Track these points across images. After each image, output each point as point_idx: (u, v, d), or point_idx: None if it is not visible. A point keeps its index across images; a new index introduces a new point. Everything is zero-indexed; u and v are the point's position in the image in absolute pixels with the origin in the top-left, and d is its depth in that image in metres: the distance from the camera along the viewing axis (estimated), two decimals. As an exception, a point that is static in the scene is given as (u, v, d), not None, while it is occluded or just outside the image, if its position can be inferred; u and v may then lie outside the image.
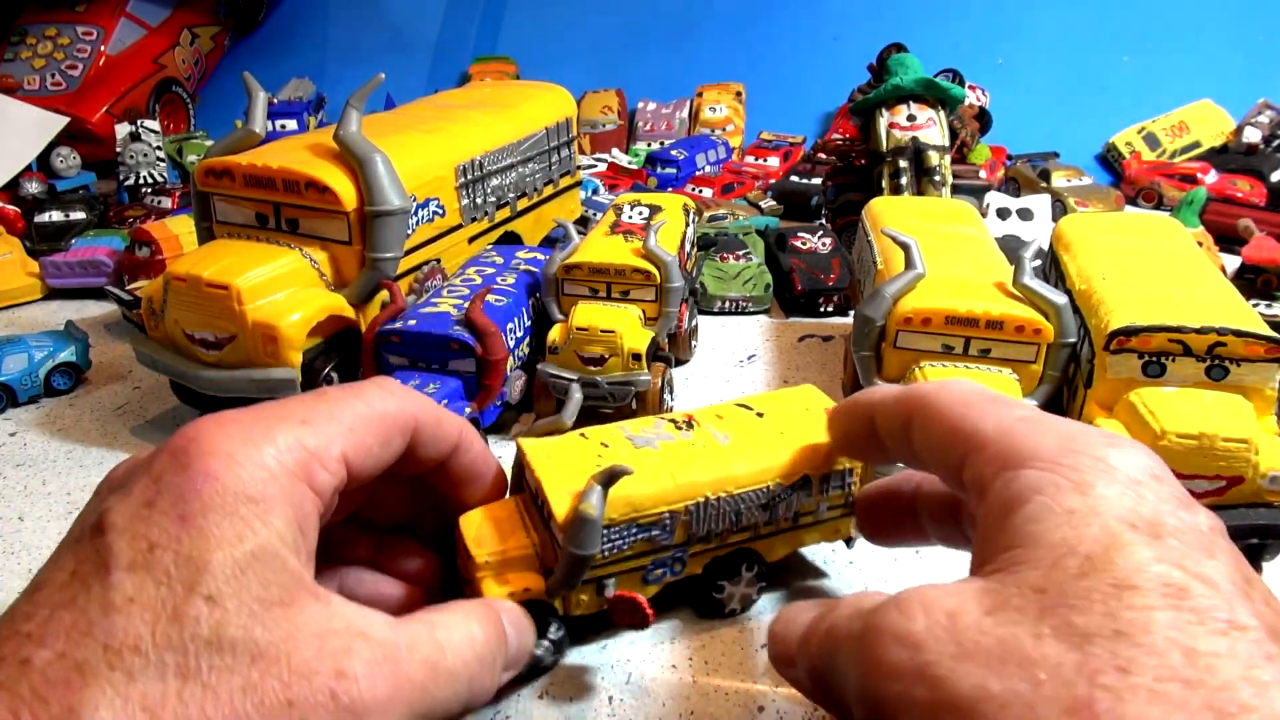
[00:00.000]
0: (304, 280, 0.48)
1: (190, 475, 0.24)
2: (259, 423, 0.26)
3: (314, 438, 0.26)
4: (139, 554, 0.22)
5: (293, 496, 0.25)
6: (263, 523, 0.24)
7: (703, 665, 0.34)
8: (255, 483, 0.24)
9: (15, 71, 1.08)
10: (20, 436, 0.52)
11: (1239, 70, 1.06)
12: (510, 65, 1.24)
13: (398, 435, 0.29)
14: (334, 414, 0.27)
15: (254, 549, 0.23)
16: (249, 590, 0.23)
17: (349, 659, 0.23)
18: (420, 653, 0.25)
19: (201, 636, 0.22)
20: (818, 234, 0.73)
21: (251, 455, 0.24)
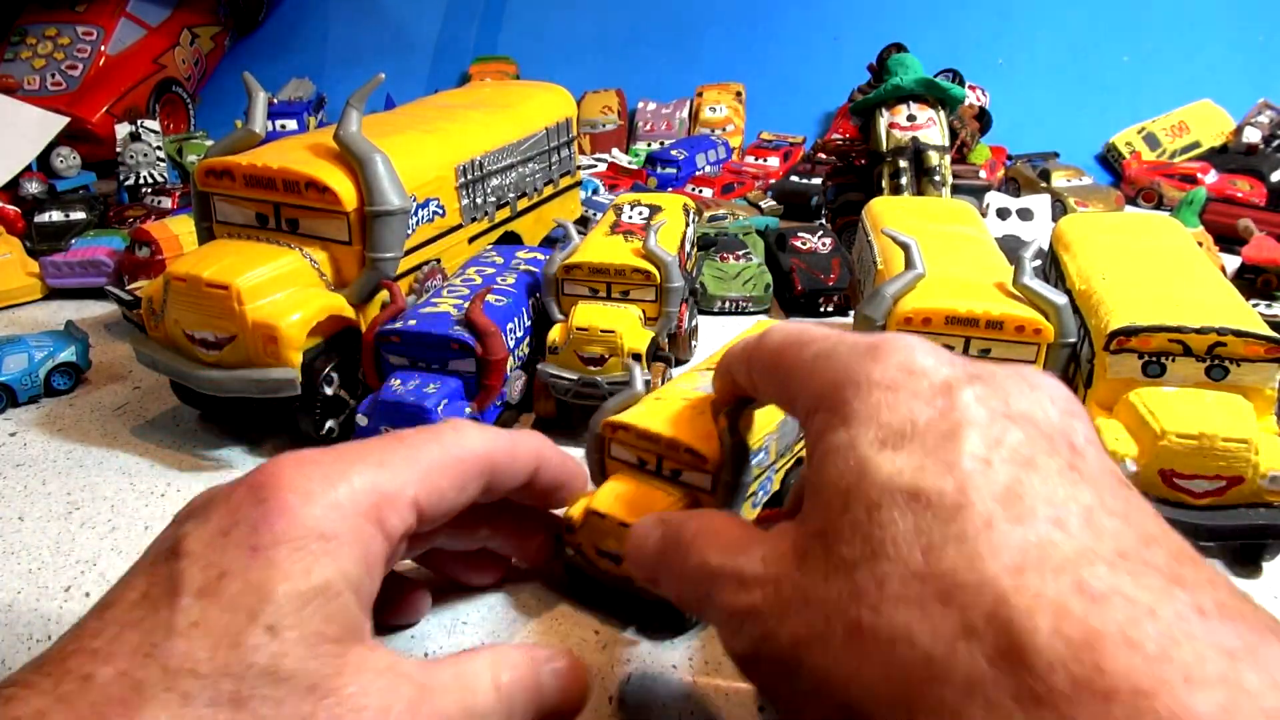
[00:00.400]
0: (304, 280, 0.48)
1: (266, 509, 0.24)
2: (337, 463, 0.27)
3: (389, 481, 0.27)
4: (209, 581, 0.23)
5: (362, 537, 0.25)
6: (331, 559, 0.24)
7: (703, 665, 0.34)
8: (328, 520, 0.25)
9: (15, 71, 1.08)
10: (20, 436, 0.52)
11: (1239, 70, 1.06)
12: (510, 65, 1.24)
13: (474, 479, 0.30)
14: (410, 458, 0.28)
15: (319, 584, 0.24)
16: (309, 624, 0.23)
17: (394, 695, 0.24)
18: (452, 694, 0.25)
19: (259, 665, 0.22)
20: (818, 234, 0.73)
21: (327, 494, 0.25)
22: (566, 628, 0.36)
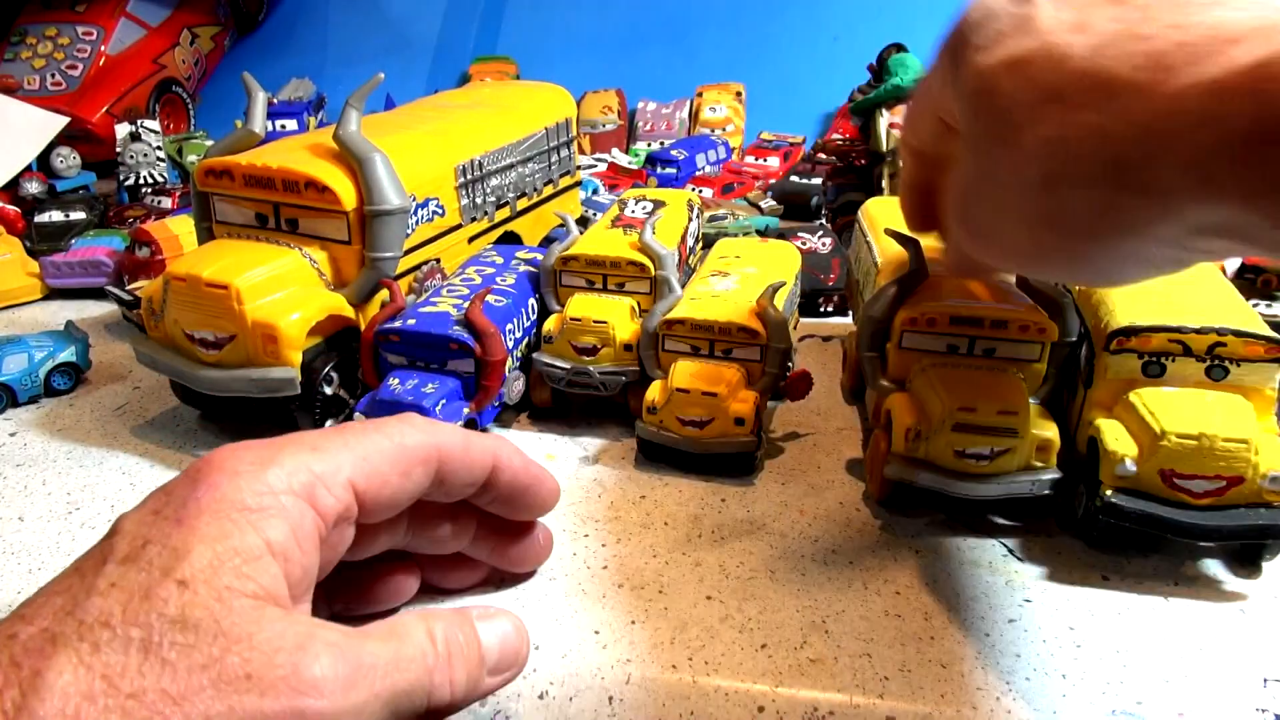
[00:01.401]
0: (304, 280, 0.48)
1: (194, 487, 0.26)
2: (270, 448, 0.28)
3: (321, 463, 0.28)
4: (134, 549, 0.24)
5: (291, 513, 0.26)
6: (253, 528, 0.25)
7: (703, 665, 0.34)
8: (253, 495, 0.26)
9: (15, 71, 1.07)
10: (20, 436, 0.52)
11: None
12: (510, 65, 1.24)
13: (418, 465, 0.30)
14: (347, 444, 0.29)
15: (237, 545, 0.25)
16: (221, 579, 0.24)
17: (311, 641, 0.24)
18: (378, 640, 0.26)
19: (168, 615, 0.23)
20: (818, 234, 0.73)
21: (256, 473, 0.27)
22: (567, 628, 0.36)
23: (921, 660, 0.34)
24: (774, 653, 0.34)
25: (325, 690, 0.24)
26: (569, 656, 0.34)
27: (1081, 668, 0.34)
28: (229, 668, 0.23)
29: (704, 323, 0.47)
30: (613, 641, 0.35)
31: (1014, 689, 0.33)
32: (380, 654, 0.25)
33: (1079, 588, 0.38)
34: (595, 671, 0.34)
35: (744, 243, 0.59)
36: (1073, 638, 0.35)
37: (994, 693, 0.32)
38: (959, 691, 0.32)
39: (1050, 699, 0.32)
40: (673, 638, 0.35)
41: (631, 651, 0.35)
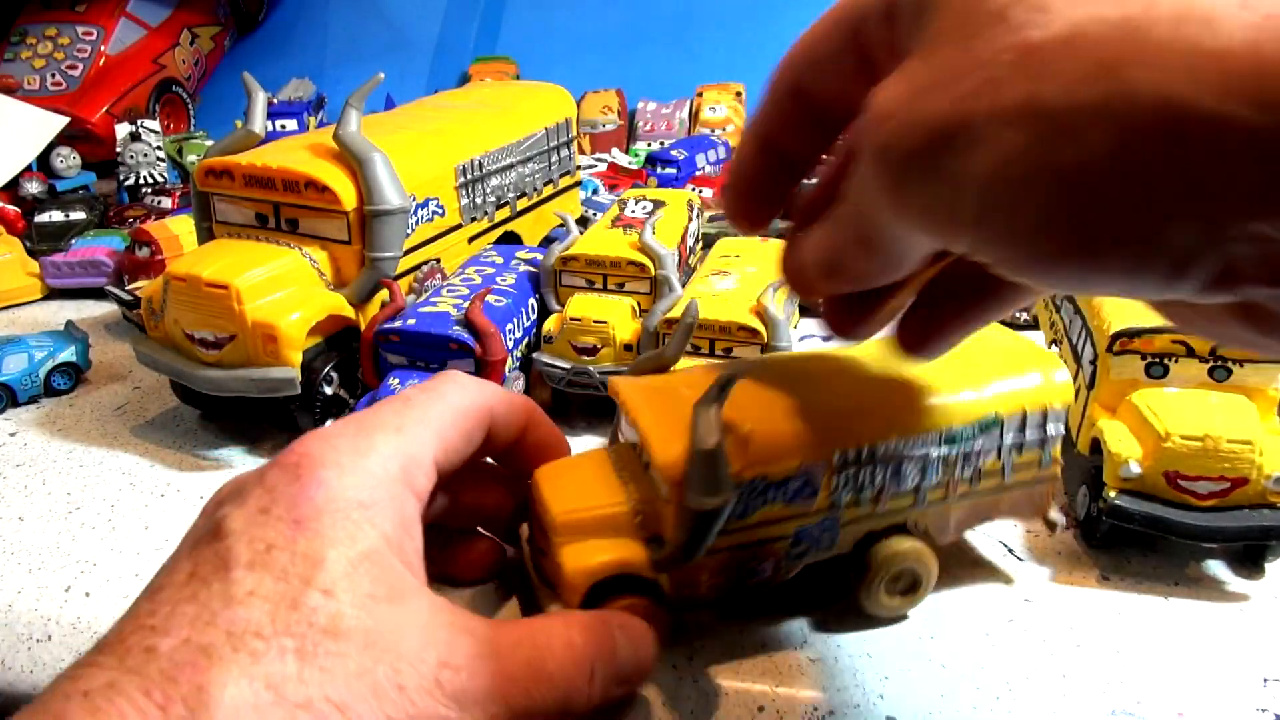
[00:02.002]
0: (304, 280, 0.48)
1: (303, 484, 0.25)
2: (361, 435, 0.28)
3: (410, 445, 0.28)
4: (257, 554, 0.24)
5: (397, 500, 0.27)
6: (372, 525, 0.25)
7: (703, 665, 0.34)
8: (364, 489, 0.26)
9: (15, 71, 1.07)
10: (20, 436, 0.52)
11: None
12: (510, 65, 1.24)
13: (478, 428, 0.31)
14: (424, 419, 0.29)
15: (365, 549, 0.25)
16: (361, 586, 0.24)
17: (454, 651, 0.24)
18: (522, 654, 0.26)
19: (319, 625, 0.23)
20: (818, 234, 0.73)
21: (359, 464, 0.27)
22: (566, 628, 0.36)
23: (921, 660, 0.34)
24: (774, 653, 0.34)
25: (466, 702, 0.24)
26: (569, 657, 0.34)
27: (1081, 668, 0.33)
28: (382, 678, 0.23)
29: (705, 321, 0.47)
30: (613, 642, 0.35)
31: (1014, 689, 0.32)
32: (520, 668, 0.25)
33: (1079, 588, 0.38)
34: (595, 672, 0.34)
35: (744, 242, 0.59)
36: (1073, 638, 0.35)
37: (994, 693, 0.32)
38: (959, 691, 0.32)
39: (1050, 699, 0.32)
40: (673, 638, 0.35)
41: (632, 652, 0.34)
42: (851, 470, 0.30)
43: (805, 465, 0.29)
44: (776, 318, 0.46)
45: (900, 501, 0.31)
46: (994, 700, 0.32)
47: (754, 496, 0.29)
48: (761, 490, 0.29)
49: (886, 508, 0.31)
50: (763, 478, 0.29)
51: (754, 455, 0.28)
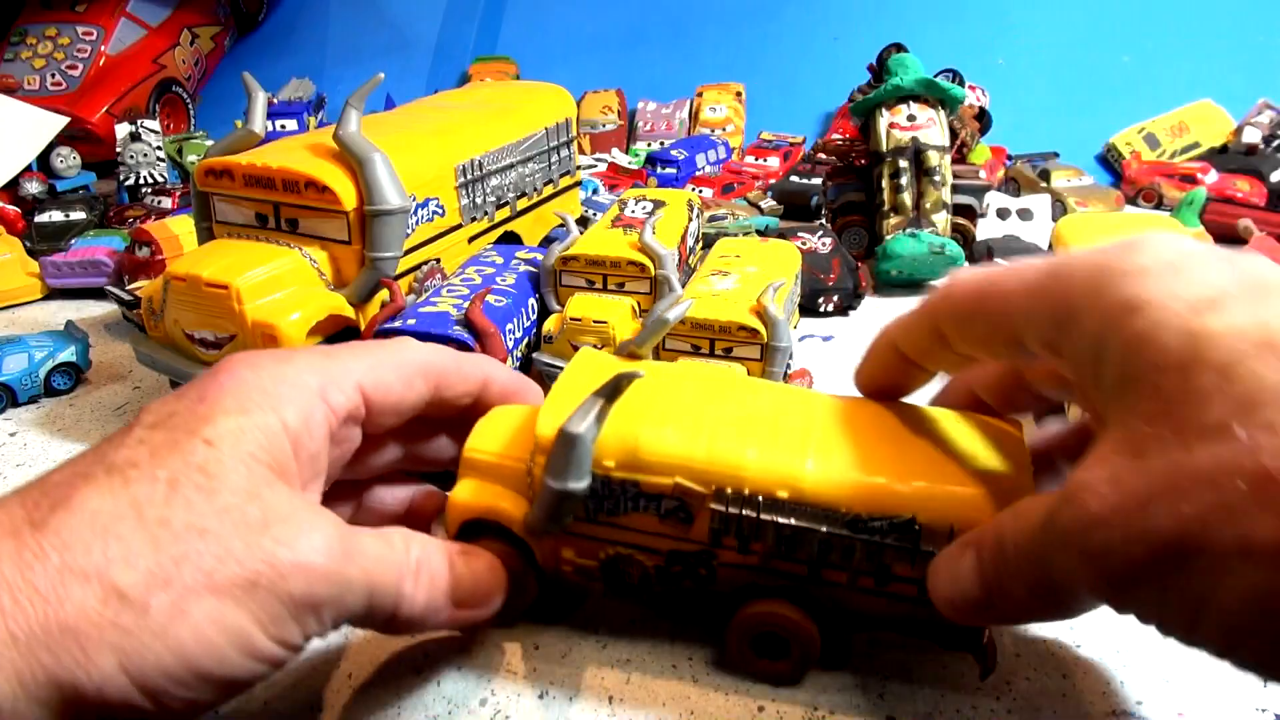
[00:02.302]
0: (304, 280, 0.48)
1: (216, 375, 0.28)
2: (289, 352, 0.31)
3: (333, 367, 0.30)
4: (160, 418, 0.26)
5: (303, 401, 0.28)
6: (271, 409, 0.27)
7: (703, 665, 0.34)
8: (270, 383, 0.28)
9: (15, 71, 1.07)
10: (20, 436, 0.52)
11: (1239, 70, 1.06)
12: (510, 65, 1.24)
13: (418, 376, 0.32)
14: (354, 353, 0.31)
15: (258, 422, 0.27)
16: (243, 445, 0.26)
17: (318, 515, 0.26)
18: (368, 535, 0.27)
19: (194, 463, 0.25)
20: (818, 234, 0.73)
21: (274, 368, 0.29)
22: (567, 626, 0.36)
23: (921, 660, 0.34)
24: (774, 653, 0.34)
25: (325, 554, 0.25)
26: (569, 656, 0.34)
27: (1081, 668, 0.34)
28: (249, 515, 0.24)
29: (704, 322, 0.47)
30: (612, 641, 0.35)
31: (1014, 689, 0.33)
32: (369, 547, 0.27)
33: (1079, 588, 0.38)
34: (595, 671, 0.34)
35: (744, 242, 0.59)
36: (1073, 638, 0.35)
37: (994, 693, 0.32)
38: (959, 691, 0.32)
39: (1050, 699, 0.32)
40: (673, 638, 0.35)
41: (631, 651, 0.35)
42: (732, 513, 0.28)
43: (680, 488, 0.28)
44: (776, 318, 0.46)
45: (790, 566, 0.29)
46: (994, 700, 0.32)
47: (625, 499, 0.29)
48: (632, 496, 0.29)
49: (773, 567, 0.29)
50: (635, 484, 0.29)
51: (630, 458, 0.28)
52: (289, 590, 0.25)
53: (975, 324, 0.27)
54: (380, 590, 0.27)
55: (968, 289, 0.28)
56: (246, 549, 0.24)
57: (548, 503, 0.29)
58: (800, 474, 0.28)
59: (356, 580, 0.26)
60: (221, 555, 0.24)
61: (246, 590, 0.24)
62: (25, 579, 0.22)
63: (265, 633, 0.24)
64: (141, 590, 0.22)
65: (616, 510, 0.30)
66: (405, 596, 0.28)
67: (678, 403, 0.30)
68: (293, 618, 0.25)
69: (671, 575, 0.31)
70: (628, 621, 0.36)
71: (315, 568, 0.25)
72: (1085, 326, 0.23)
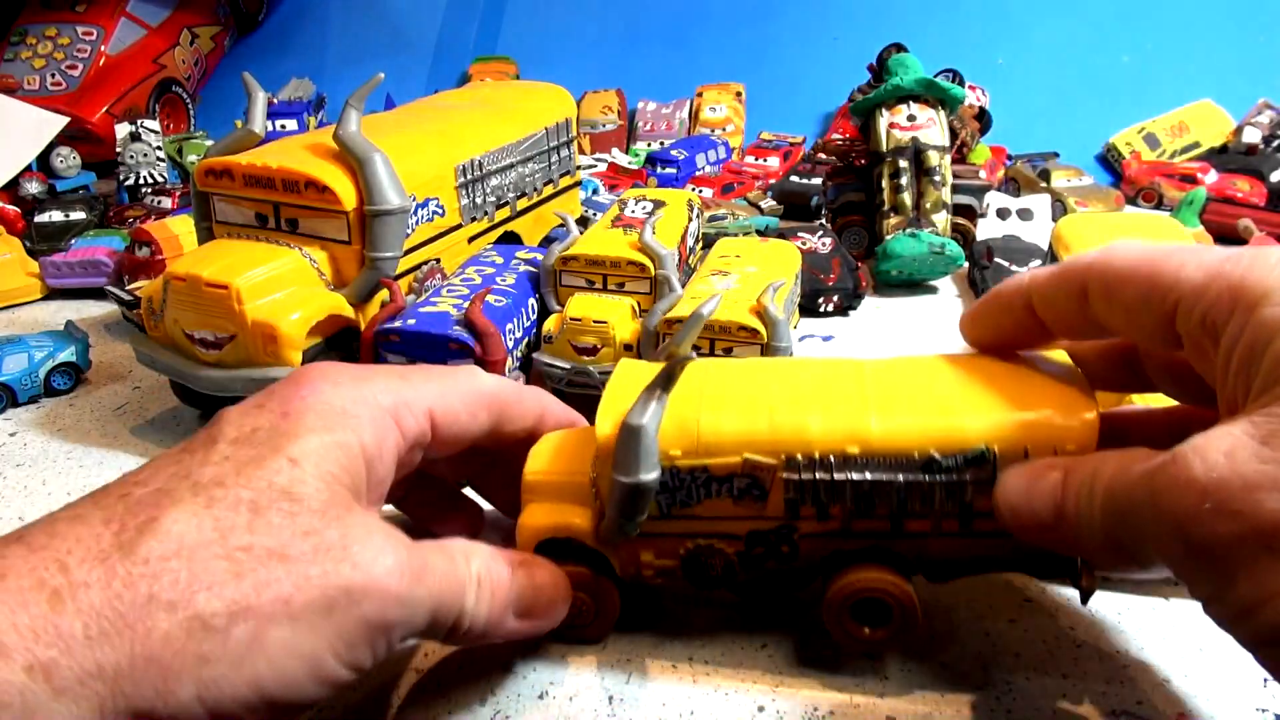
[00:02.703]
0: (304, 280, 0.48)
1: (298, 387, 0.28)
2: (366, 370, 0.31)
3: (408, 389, 0.30)
4: (243, 433, 0.27)
5: (379, 424, 0.29)
6: (351, 429, 0.28)
7: (703, 665, 0.34)
8: (351, 402, 0.28)
9: (15, 71, 1.07)
10: (20, 436, 0.52)
11: (1239, 70, 1.06)
12: (510, 65, 1.24)
13: (483, 409, 0.32)
14: (429, 378, 0.32)
15: (340, 439, 0.27)
16: (326, 464, 0.26)
17: (391, 536, 0.26)
18: (433, 552, 0.27)
19: (278, 485, 0.25)
20: (818, 234, 0.73)
21: (354, 385, 0.29)
22: (566, 628, 0.36)
23: (921, 660, 0.34)
24: (774, 653, 0.34)
25: (398, 576, 0.25)
26: (569, 656, 0.34)
27: (1081, 668, 0.34)
28: (328, 539, 0.25)
29: (705, 321, 0.47)
30: (613, 641, 0.35)
31: (1014, 689, 0.33)
32: (436, 563, 0.27)
33: (1079, 588, 0.38)
34: (595, 671, 0.34)
35: (744, 242, 0.59)
36: (1073, 638, 0.35)
37: (994, 693, 0.32)
38: (959, 691, 0.32)
39: (1050, 699, 0.32)
40: (673, 638, 0.35)
41: (631, 651, 0.35)
42: (806, 479, 0.28)
43: (749, 463, 0.28)
44: (776, 318, 0.46)
45: (871, 525, 0.29)
46: (994, 700, 0.32)
47: (696, 486, 0.29)
48: (703, 482, 0.29)
49: (855, 529, 0.29)
50: (704, 469, 0.28)
51: (694, 444, 0.28)
52: (363, 614, 0.25)
53: (1131, 290, 0.27)
54: (445, 606, 0.27)
55: (1137, 255, 0.27)
56: (324, 574, 0.24)
57: (621, 501, 0.28)
58: (866, 428, 0.28)
59: (424, 599, 0.26)
60: (300, 582, 0.24)
61: (323, 615, 0.24)
62: (114, 609, 0.22)
63: (338, 658, 0.24)
64: (224, 619, 0.23)
65: (690, 500, 0.29)
66: (468, 612, 0.28)
67: (729, 385, 0.30)
68: (366, 641, 0.25)
69: (754, 558, 0.30)
70: (628, 621, 0.36)
71: (389, 590, 0.25)
72: (1258, 317, 0.23)
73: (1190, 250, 0.26)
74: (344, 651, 0.24)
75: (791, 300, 0.55)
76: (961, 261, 0.69)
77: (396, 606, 0.25)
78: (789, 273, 0.54)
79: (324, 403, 0.28)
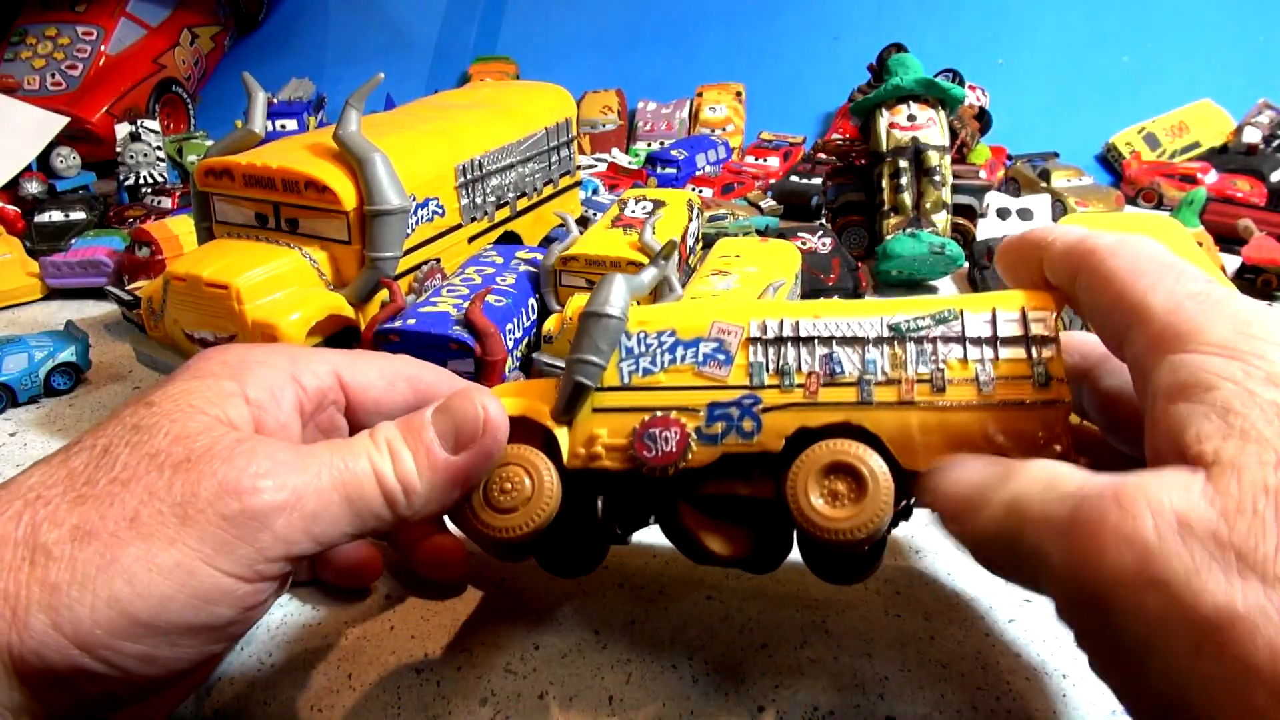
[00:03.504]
0: (304, 280, 0.48)
1: (192, 360, 0.29)
2: (263, 345, 0.31)
3: (307, 354, 0.31)
4: (122, 407, 0.28)
5: (269, 376, 0.29)
6: (233, 379, 0.28)
7: (703, 665, 0.34)
8: (236, 360, 0.29)
9: (15, 71, 1.08)
10: (20, 436, 0.52)
11: (1239, 70, 1.06)
12: (510, 65, 1.24)
13: (402, 380, 0.33)
14: (336, 349, 0.32)
15: (211, 385, 0.27)
16: (187, 399, 0.27)
17: (258, 442, 0.26)
18: (321, 446, 0.27)
19: (129, 424, 0.26)
20: (818, 234, 0.73)
21: (244, 352, 0.30)
22: (567, 626, 0.36)
23: (921, 660, 0.34)
24: (774, 653, 0.34)
25: (265, 474, 0.25)
26: (569, 656, 0.34)
27: (1081, 668, 0.33)
28: (174, 455, 0.25)
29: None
30: (612, 641, 0.35)
31: (1014, 689, 0.33)
32: (322, 453, 0.26)
33: (1079, 588, 0.38)
34: (595, 671, 0.34)
35: (744, 242, 0.59)
36: (1073, 638, 0.35)
37: (994, 693, 0.32)
38: (959, 691, 0.32)
39: (1050, 699, 0.32)
40: (673, 638, 0.35)
41: (631, 651, 0.35)
42: (771, 339, 0.27)
43: (717, 326, 0.28)
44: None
45: (838, 394, 0.27)
46: (994, 700, 0.32)
47: (661, 352, 0.28)
48: (670, 347, 0.28)
49: (819, 398, 0.27)
50: (671, 332, 0.28)
51: (665, 316, 0.29)
52: (221, 515, 0.24)
53: (1105, 296, 0.25)
54: (360, 493, 0.26)
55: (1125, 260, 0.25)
56: (169, 487, 0.24)
57: (581, 337, 0.28)
58: (830, 308, 0.28)
59: (320, 494, 0.25)
60: (144, 498, 0.24)
61: (177, 527, 0.23)
62: None
63: (212, 564, 0.24)
64: (66, 546, 0.23)
65: (652, 368, 0.28)
66: (390, 482, 0.27)
67: None
68: (242, 541, 0.24)
69: (712, 436, 0.28)
70: (628, 621, 0.36)
71: (244, 488, 0.24)
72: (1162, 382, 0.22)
73: (1175, 276, 0.24)
74: (217, 558, 0.24)
75: (792, 300, 0.55)
76: (961, 262, 0.69)
77: (265, 502, 0.24)
78: (789, 273, 0.54)
79: (204, 361, 0.29)
